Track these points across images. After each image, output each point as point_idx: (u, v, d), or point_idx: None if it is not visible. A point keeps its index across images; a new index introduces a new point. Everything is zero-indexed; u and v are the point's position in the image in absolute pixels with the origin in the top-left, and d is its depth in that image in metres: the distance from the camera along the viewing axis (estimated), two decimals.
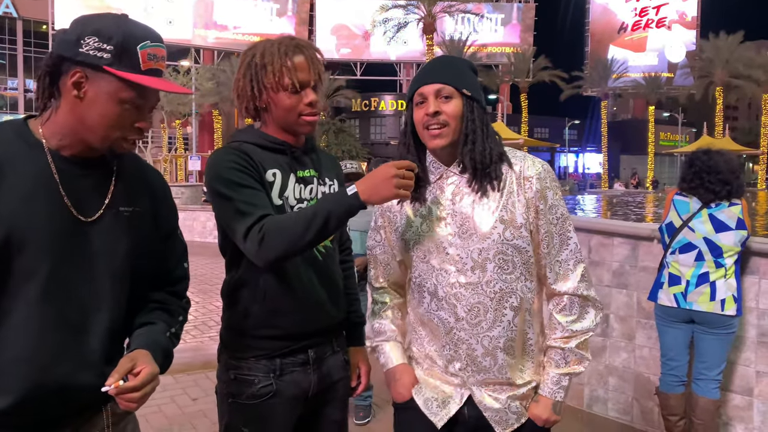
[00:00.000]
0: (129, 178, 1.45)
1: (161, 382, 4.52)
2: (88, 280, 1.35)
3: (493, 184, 1.62)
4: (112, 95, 1.30)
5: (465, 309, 1.61)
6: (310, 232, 1.55)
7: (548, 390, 1.67)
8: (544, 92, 46.80)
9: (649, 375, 3.85)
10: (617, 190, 22.36)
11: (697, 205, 3.30)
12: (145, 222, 1.46)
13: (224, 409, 1.80)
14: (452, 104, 1.62)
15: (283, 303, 1.74)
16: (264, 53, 1.74)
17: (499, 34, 47.93)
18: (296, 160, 1.81)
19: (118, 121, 1.32)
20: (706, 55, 38.11)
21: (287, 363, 1.77)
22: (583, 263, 1.68)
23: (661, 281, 3.40)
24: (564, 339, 1.65)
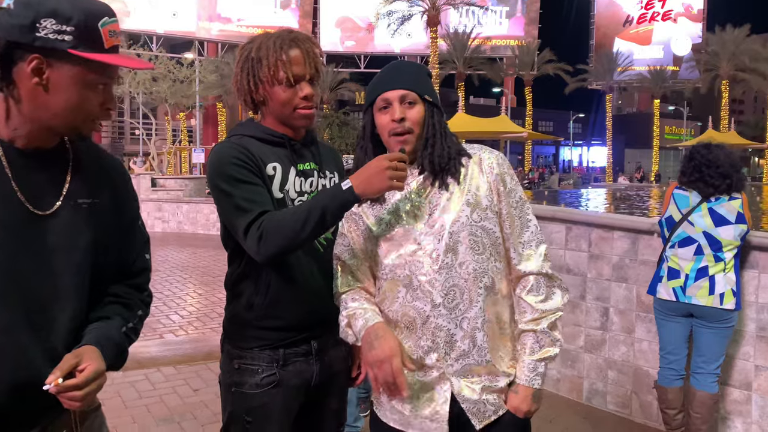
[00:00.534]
0: (87, 169, 1.39)
1: (163, 374, 4.55)
2: (47, 275, 1.29)
3: (455, 177, 1.67)
4: (78, 79, 1.24)
5: (441, 294, 1.62)
6: (307, 229, 1.57)
7: (525, 378, 1.67)
8: (549, 85, 46.70)
9: (648, 368, 3.86)
10: (621, 184, 22.29)
11: (697, 199, 3.30)
12: (105, 214, 1.40)
13: (228, 399, 1.83)
14: (416, 110, 1.66)
15: (285, 294, 1.76)
16: (260, 47, 1.76)
17: (503, 27, 47.69)
18: (296, 153, 1.83)
19: (85, 105, 1.27)
20: (712, 48, 37.88)
21: (290, 353, 1.79)
22: (544, 244, 1.73)
23: (661, 275, 3.40)
24: (534, 321, 1.67)
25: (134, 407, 4.07)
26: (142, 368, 4.82)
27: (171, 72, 27.78)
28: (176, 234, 14.48)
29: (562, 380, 4.35)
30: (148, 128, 33.13)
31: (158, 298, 7.33)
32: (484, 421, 1.65)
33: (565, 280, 4.24)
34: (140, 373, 4.69)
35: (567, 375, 4.32)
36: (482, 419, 1.65)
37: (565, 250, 4.29)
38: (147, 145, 26.76)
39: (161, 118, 34.67)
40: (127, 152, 51.74)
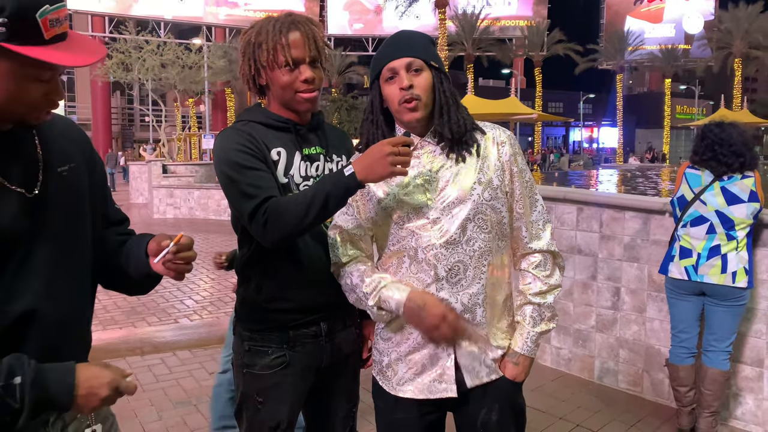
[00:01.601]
0: (51, 137, 1.34)
1: (179, 357, 4.59)
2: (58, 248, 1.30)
3: (470, 150, 1.68)
4: (16, 74, 1.15)
5: (445, 269, 1.64)
6: (310, 215, 1.58)
7: (527, 348, 1.73)
8: (559, 66, 46.20)
9: (659, 347, 3.88)
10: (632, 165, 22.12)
11: (709, 178, 3.29)
12: (83, 174, 1.40)
13: (240, 379, 1.87)
14: (423, 77, 1.65)
15: (294, 277, 1.78)
16: (260, 32, 1.75)
17: (512, 7, 47.12)
18: (302, 138, 1.83)
19: (26, 97, 1.19)
20: (725, 25, 37.29)
21: (299, 335, 1.81)
22: (550, 222, 1.79)
23: (672, 254, 3.40)
24: (542, 294, 1.73)
25: (151, 390, 4.15)
26: (158, 352, 4.90)
27: (179, 58, 27.73)
28: (188, 220, 14.57)
29: (574, 359, 4.37)
30: (158, 115, 33.18)
31: (172, 284, 7.41)
32: (475, 381, 1.69)
33: (577, 260, 4.26)
34: (156, 357, 4.77)
35: (578, 354, 4.34)
36: (474, 378, 1.69)
37: (576, 231, 4.30)
38: (157, 131, 26.83)
39: (170, 104, 34.69)
40: (137, 139, 51.98)
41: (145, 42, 27.39)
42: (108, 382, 1.21)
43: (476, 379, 1.70)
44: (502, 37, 42.85)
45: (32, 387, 1.13)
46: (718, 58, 38.18)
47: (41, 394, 1.14)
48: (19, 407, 1.12)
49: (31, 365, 1.15)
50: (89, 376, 1.19)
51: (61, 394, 1.16)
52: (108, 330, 5.62)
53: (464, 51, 37.67)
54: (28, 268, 1.23)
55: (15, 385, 1.12)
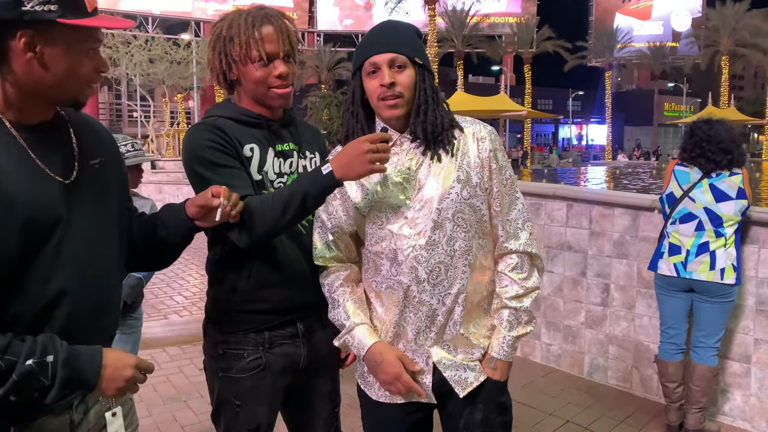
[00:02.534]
0: (83, 132, 1.43)
1: (169, 354, 4.56)
2: (91, 240, 1.35)
3: (446, 149, 1.64)
4: (72, 46, 1.26)
5: (426, 270, 1.61)
6: (288, 215, 1.55)
7: (504, 353, 1.69)
8: (548, 63, 46.35)
9: (648, 343, 3.91)
10: (621, 162, 22.28)
11: (698, 175, 3.31)
12: (111, 169, 1.48)
13: (214, 383, 1.81)
14: (406, 74, 1.60)
15: (269, 278, 1.73)
16: (231, 25, 1.70)
17: (502, 4, 47.23)
18: (274, 134, 1.78)
19: (81, 71, 1.29)
20: (713, 23, 37.59)
21: (276, 336, 1.77)
22: (530, 222, 1.74)
23: (662, 251, 3.43)
24: (518, 298, 1.68)
25: (141, 386, 4.11)
26: (148, 348, 4.87)
27: (168, 53, 27.56)
28: None
29: (564, 356, 4.40)
30: (146, 110, 32.94)
31: (162, 280, 7.37)
32: (466, 388, 1.68)
33: (566, 257, 4.28)
34: (146, 354, 4.74)
35: (568, 350, 4.37)
36: (464, 387, 1.68)
37: (566, 228, 4.31)
38: (145, 127, 26.67)
39: (159, 99, 34.48)
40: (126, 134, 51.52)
41: (133, 37, 27.19)
42: (132, 363, 1.29)
43: (467, 387, 1.68)
44: (491, 33, 42.94)
45: (63, 365, 1.21)
46: (705, 55, 38.51)
47: (71, 373, 1.22)
48: (49, 384, 1.21)
49: (63, 345, 1.23)
50: (115, 357, 1.28)
51: (89, 373, 1.25)
52: None
53: (454, 48, 37.71)
54: (63, 251, 1.29)
55: (48, 362, 1.20)
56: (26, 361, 1.18)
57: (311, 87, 39.60)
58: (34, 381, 1.19)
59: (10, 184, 1.21)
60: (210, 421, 1.89)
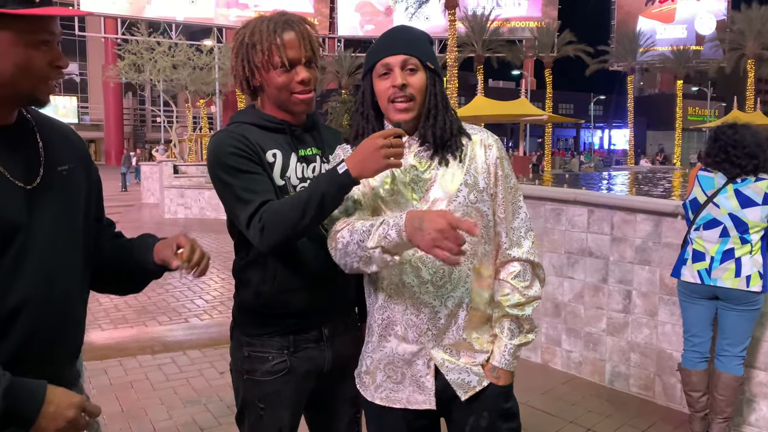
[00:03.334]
0: (52, 137, 1.39)
1: (189, 357, 4.60)
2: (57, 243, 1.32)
3: (454, 155, 1.65)
4: (19, 40, 1.19)
5: (430, 272, 1.61)
6: (307, 216, 1.55)
7: (505, 362, 1.68)
8: (569, 67, 45.94)
9: (671, 351, 3.84)
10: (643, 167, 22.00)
11: (722, 180, 3.26)
12: (80, 175, 1.43)
13: (240, 386, 1.84)
14: (418, 77, 1.61)
15: (293, 281, 1.75)
16: (253, 32, 1.72)
17: (522, 8, 47.02)
18: (297, 139, 1.80)
19: (33, 66, 1.22)
20: (738, 26, 36.95)
21: (300, 339, 1.79)
22: (533, 231, 1.74)
23: (685, 257, 3.37)
24: (520, 306, 1.68)
25: (162, 389, 4.16)
26: (168, 351, 4.92)
27: (191, 59, 27.89)
28: (199, 220, 14.63)
29: (584, 363, 4.35)
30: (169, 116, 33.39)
31: (182, 283, 7.44)
32: (468, 392, 1.67)
33: (588, 263, 4.24)
34: (167, 356, 4.79)
35: (589, 358, 4.32)
36: (467, 390, 1.66)
37: (587, 233, 4.27)
38: (168, 132, 26.99)
39: (182, 105, 34.90)
40: (148, 140, 52.26)
41: (156, 43, 27.56)
42: (76, 403, 1.21)
43: (470, 390, 1.67)
44: (512, 38, 42.71)
45: (3, 396, 1.13)
46: (730, 59, 37.84)
47: (8, 405, 1.14)
48: None
49: (6, 375, 1.16)
50: (60, 395, 1.20)
51: (28, 408, 1.16)
52: (119, 329, 5.65)
53: (474, 52, 37.55)
54: (24, 257, 1.25)
55: None
56: None
57: (332, 92, 39.79)
58: None
59: None
60: (229, 424, 1.91)
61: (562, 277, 4.43)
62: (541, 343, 4.60)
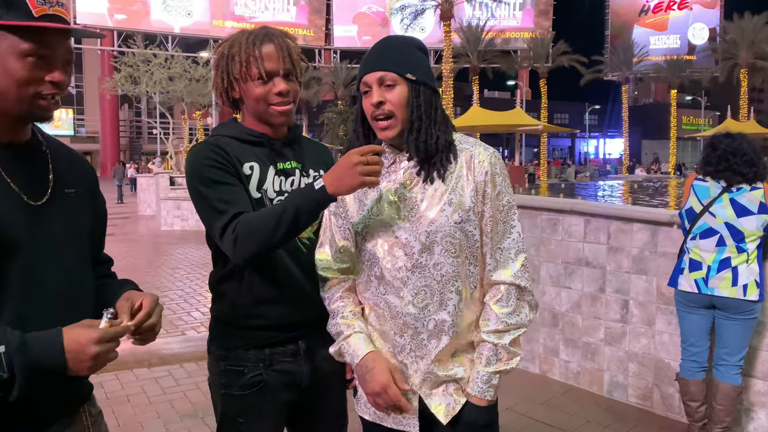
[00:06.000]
0: (63, 160, 1.41)
1: (186, 370, 4.58)
2: (61, 262, 1.32)
3: (439, 172, 1.59)
4: (10, 50, 1.19)
5: (412, 293, 1.58)
6: (280, 230, 1.55)
7: (478, 389, 1.61)
8: (564, 77, 46.26)
9: (669, 361, 3.84)
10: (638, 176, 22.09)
11: (718, 189, 3.27)
12: (86, 202, 1.45)
13: (218, 401, 1.82)
14: (396, 92, 1.57)
15: (269, 294, 1.74)
16: (233, 44, 1.73)
17: (517, 19, 47.39)
18: (276, 153, 1.79)
19: (26, 78, 1.21)
20: (731, 36, 37.28)
21: (277, 353, 1.77)
22: (524, 253, 1.65)
23: (682, 267, 3.38)
24: (498, 333, 1.60)
25: (158, 402, 4.14)
26: (165, 364, 4.89)
27: (187, 71, 27.92)
28: (195, 232, 14.59)
29: (582, 373, 4.34)
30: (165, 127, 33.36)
31: (179, 296, 7.41)
32: (449, 415, 1.62)
33: (585, 272, 4.24)
34: (164, 370, 4.76)
35: (587, 368, 4.31)
36: (447, 414, 1.62)
37: (583, 243, 4.28)
38: (164, 144, 26.98)
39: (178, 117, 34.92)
40: (145, 151, 52.23)
41: (153, 56, 27.60)
42: (94, 338, 1.19)
43: (449, 413, 1.63)
44: (507, 48, 42.99)
45: (18, 353, 1.13)
46: (724, 68, 38.16)
47: (30, 359, 1.14)
48: (8, 376, 1.12)
49: (14, 334, 1.15)
50: (75, 336, 1.18)
51: (51, 356, 1.16)
52: None
53: (469, 63, 37.77)
54: (25, 271, 1.25)
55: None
56: None
57: (328, 103, 39.92)
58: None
59: None
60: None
61: (559, 287, 4.43)
62: (539, 354, 4.59)
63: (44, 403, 1.29)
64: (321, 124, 34.86)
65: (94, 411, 1.48)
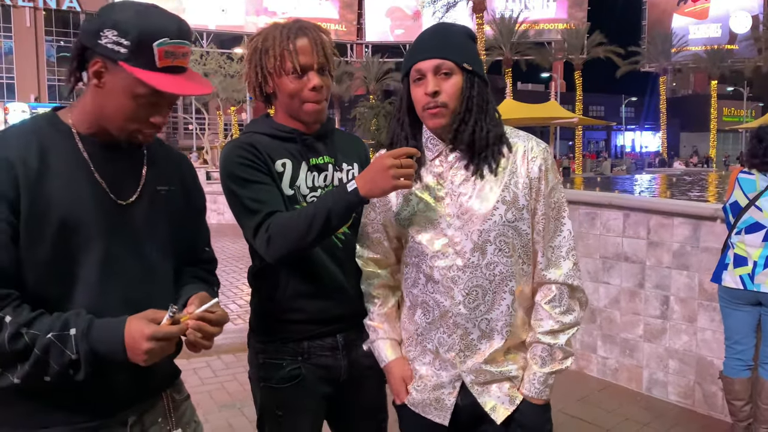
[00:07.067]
0: (160, 160, 1.48)
1: (224, 361, 4.66)
2: (139, 259, 1.38)
3: (491, 167, 1.53)
4: (127, 90, 1.29)
5: (463, 292, 1.54)
6: (312, 232, 1.54)
7: (535, 391, 1.58)
8: (600, 69, 45.38)
9: (712, 358, 3.75)
10: (677, 169, 21.59)
11: (765, 182, 3.17)
12: (179, 200, 1.49)
13: (257, 393, 1.84)
14: (452, 81, 1.51)
15: (305, 288, 1.74)
16: (266, 38, 1.71)
17: (550, 10, 46.71)
18: (308, 148, 1.77)
19: (132, 115, 1.32)
20: None
21: (315, 347, 1.77)
22: (575, 251, 1.61)
23: (726, 262, 3.29)
24: (553, 334, 1.57)
25: (197, 393, 4.21)
26: (203, 356, 4.98)
27: (222, 67, 28.31)
28: (231, 225, 14.73)
29: (621, 369, 4.27)
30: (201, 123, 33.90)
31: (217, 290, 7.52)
32: (503, 414, 1.59)
33: (623, 267, 4.17)
34: (202, 361, 4.85)
35: (625, 364, 4.24)
36: (502, 414, 1.59)
37: (622, 238, 4.20)
38: (200, 139, 27.41)
39: (213, 112, 35.43)
40: (181, 147, 53.06)
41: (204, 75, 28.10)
42: (147, 335, 1.21)
43: (506, 412, 1.59)
44: (540, 40, 42.41)
45: (84, 336, 1.21)
46: (767, 57, 36.94)
47: (92, 345, 1.21)
48: (76, 358, 1.20)
49: (85, 318, 1.23)
50: (133, 330, 1.23)
51: (110, 345, 1.22)
52: None
53: (502, 55, 37.35)
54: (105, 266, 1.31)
55: (70, 335, 1.21)
56: (47, 335, 1.19)
57: (360, 98, 39.95)
58: (57, 355, 1.19)
59: (54, 186, 1.27)
60: None
61: (597, 282, 4.36)
62: (576, 350, 4.53)
63: (118, 385, 1.34)
64: (353, 118, 34.94)
65: (177, 396, 1.53)
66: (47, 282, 1.26)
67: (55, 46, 45.76)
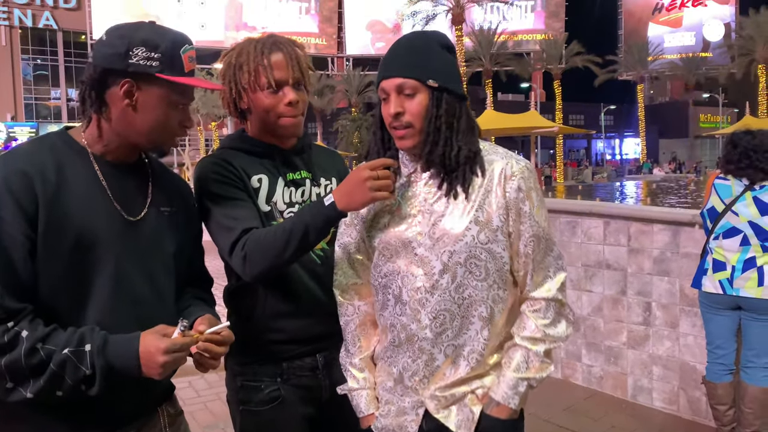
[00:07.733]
0: (162, 180, 1.53)
1: (207, 381, 4.58)
2: (147, 276, 1.42)
3: (463, 186, 1.45)
4: (164, 100, 1.38)
5: (429, 316, 1.46)
6: (290, 248, 1.51)
7: (502, 394, 1.47)
8: (578, 78, 45.97)
9: (695, 364, 3.77)
10: (657, 175, 21.87)
11: (740, 188, 3.21)
12: (181, 221, 1.53)
13: (236, 417, 1.79)
14: (416, 101, 1.43)
15: (284, 307, 1.70)
16: (240, 53, 1.69)
17: (528, 21, 47.32)
18: (285, 163, 1.75)
19: (168, 123, 1.41)
20: (747, 32, 36.89)
21: (294, 367, 1.73)
22: (563, 271, 1.53)
23: (705, 268, 3.32)
24: (533, 340, 1.48)
25: None
26: (186, 376, 4.90)
27: None
28: (211, 242, 14.71)
29: (606, 377, 4.27)
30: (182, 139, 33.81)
31: None
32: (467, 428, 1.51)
33: (605, 275, 4.18)
34: (184, 381, 4.77)
35: (610, 372, 4.24)
36: (465, 428, 1.51)
37: (603, 245, 4.22)
38: (181, 155, 27.26)
39: (193, 128, 35.33)
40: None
41: None
42: (162, 349, 1.25)
43: (469, 424, 1.51)
44: (519, 51, 42.92)
45: (99, 352, 1.24)
46: (740, 64, 37.71)
47: (108, 361, 1.24)
48: (90, 373, 1.23)
49: (99, 334, 1.27)
50: (147, 345, 1.26)
51: (126, 360, 1.25)
52: None
53: (482, 66, 37.73)
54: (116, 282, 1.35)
55: (85, 351, 1.24)
56: (63, 350, 1.22)
57: (342, 111, 40.07)
58: (72, 371, 1.22)
59: (70, 200, 1.31)
60: None
61: (580, 290, 4.37)
62: (561, 358, 4.53)
63: (121, 401, 1.37)
64: (335, 131, 34.99)
65: (172, 411, 1.55)
66: (60, 295, 1.29)
67: (32, 64, 45.40)
